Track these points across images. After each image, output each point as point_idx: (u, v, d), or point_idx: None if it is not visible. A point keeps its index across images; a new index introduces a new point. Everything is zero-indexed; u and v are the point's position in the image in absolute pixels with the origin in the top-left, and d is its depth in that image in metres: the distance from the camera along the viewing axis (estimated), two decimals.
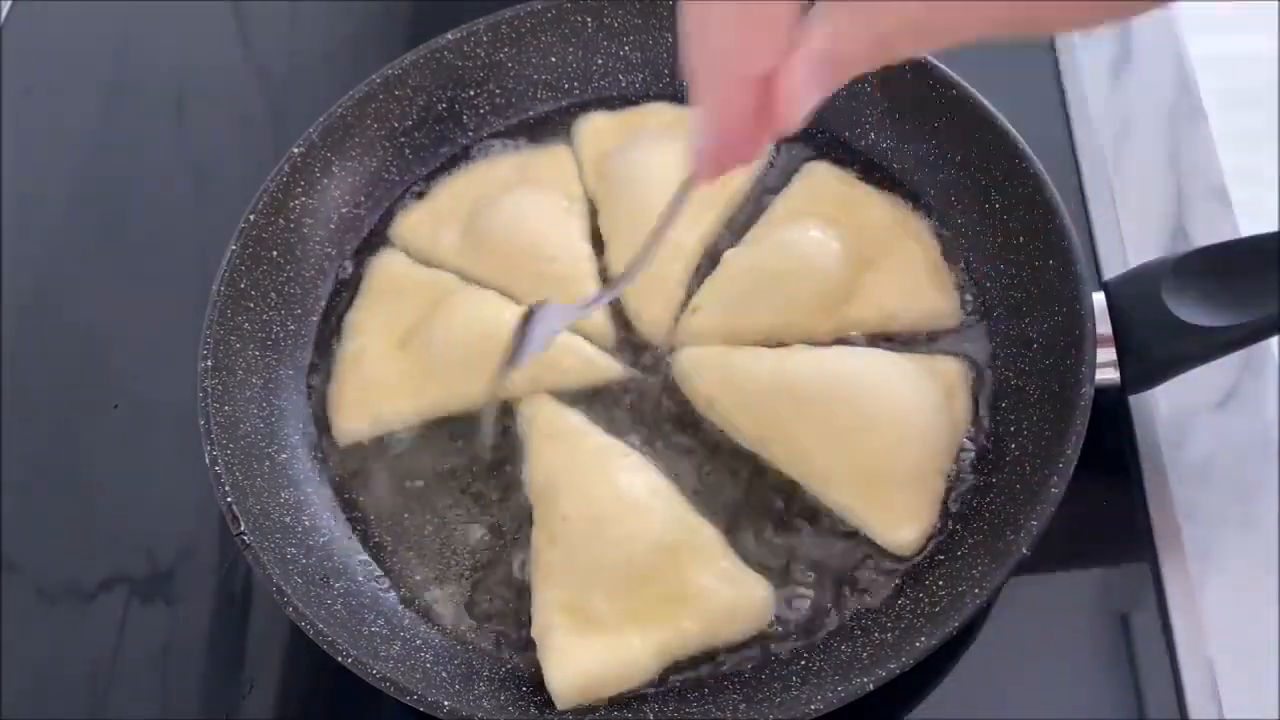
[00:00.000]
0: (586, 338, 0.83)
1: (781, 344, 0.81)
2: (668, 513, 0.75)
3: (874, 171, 0.88)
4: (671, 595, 0.72)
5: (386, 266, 0.88)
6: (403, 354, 0.83)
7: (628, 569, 0.72)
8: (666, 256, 0.84)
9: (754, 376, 0.79)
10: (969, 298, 0.83)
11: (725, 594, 0.72)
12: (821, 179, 0.88)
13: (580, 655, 0.71)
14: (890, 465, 0.75)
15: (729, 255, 0.85)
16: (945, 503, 0.75)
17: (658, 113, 0.93)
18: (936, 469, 0.76)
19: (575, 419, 0.80)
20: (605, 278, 0.86)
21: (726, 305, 0.83)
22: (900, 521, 0.74)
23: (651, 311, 0.84)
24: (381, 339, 0.84)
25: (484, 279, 0.86)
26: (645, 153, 0.89)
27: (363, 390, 0.82)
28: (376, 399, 0.82)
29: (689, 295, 0.85)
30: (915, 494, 0.75)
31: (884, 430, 0.75)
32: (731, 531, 0.75)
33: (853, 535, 0.75)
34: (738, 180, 0.89)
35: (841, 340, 0.82)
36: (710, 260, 0.86)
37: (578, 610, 0.72)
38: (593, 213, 0.89)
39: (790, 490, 0.77)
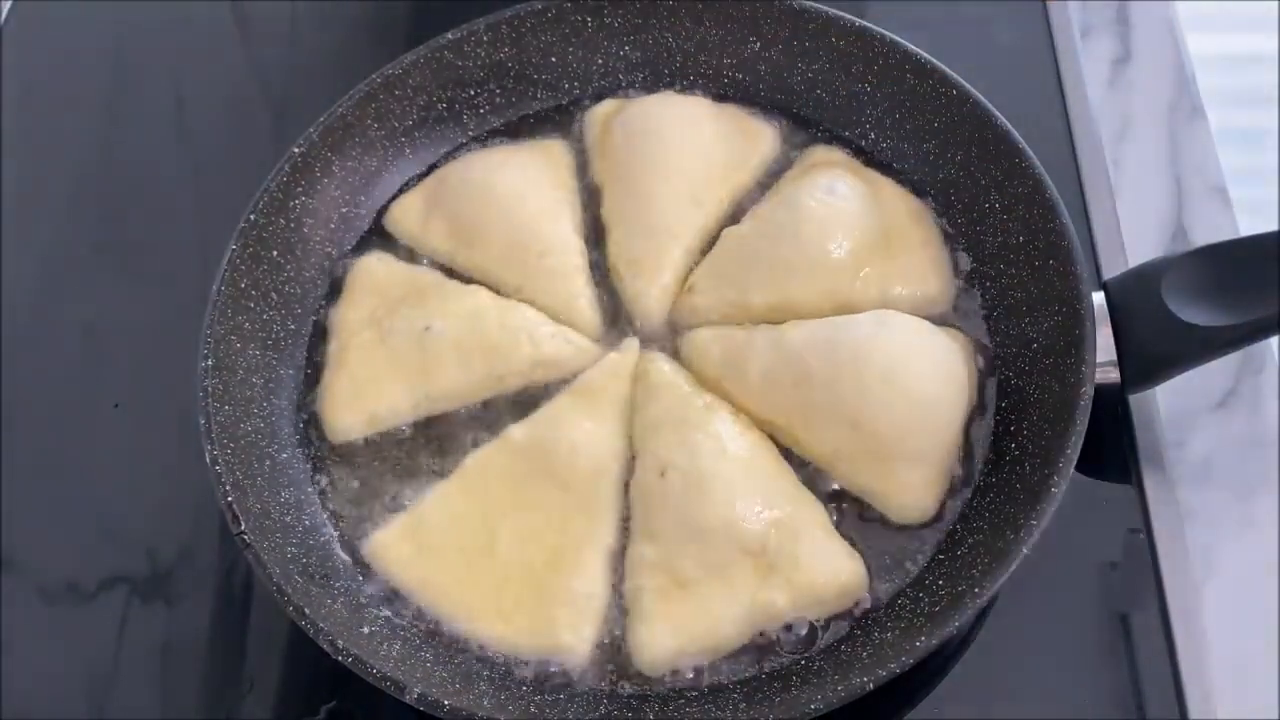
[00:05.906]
0: (574, 329, 0.83)
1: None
2: (772, 478, 0.74)
3: (874, 169, 0.88)
4: (765, 565, 0.71)
5: (369, 266, 0.87)
6: (390, 350, 0.82)
7: (725, 532, 0.71)
8: (668, 243, 0.84)
9: (754, 353, 0.78)
10: (965, 287, 0.83)
11: (819, 568, 0.71)
12: (825, 160, 0.88)
13: (669, 625, 0.71)
14: (903, 436, 0.74)
15: (727, 232, 0.85)
16: (952, 483, 0.75)
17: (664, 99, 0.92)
18: (951, 440, 0.75)
19: (681, 377, 0.79)
20: (601, 271, 0.86)
21: (723, 282, 0.82)
22: (914, 494, 0.74)
23: (649, 299, 0.83)
24: (364, 337, 0.83)
25: (472, 271, 0.86)
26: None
27: (352, 388, 0.81)
28: (367, 397, 0.81)
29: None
30: (928, 466, 0.74)
31: (899, 398, 0.74)
32: None
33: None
34: (745, 172, 0.88)
35: None
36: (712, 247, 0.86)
37: (668, 571, 0.72)
38: (595, 203, 0.89)
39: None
